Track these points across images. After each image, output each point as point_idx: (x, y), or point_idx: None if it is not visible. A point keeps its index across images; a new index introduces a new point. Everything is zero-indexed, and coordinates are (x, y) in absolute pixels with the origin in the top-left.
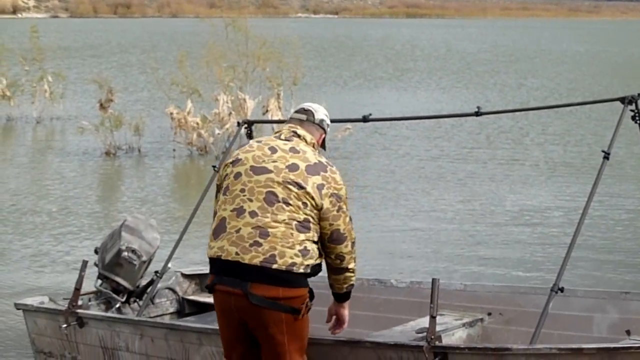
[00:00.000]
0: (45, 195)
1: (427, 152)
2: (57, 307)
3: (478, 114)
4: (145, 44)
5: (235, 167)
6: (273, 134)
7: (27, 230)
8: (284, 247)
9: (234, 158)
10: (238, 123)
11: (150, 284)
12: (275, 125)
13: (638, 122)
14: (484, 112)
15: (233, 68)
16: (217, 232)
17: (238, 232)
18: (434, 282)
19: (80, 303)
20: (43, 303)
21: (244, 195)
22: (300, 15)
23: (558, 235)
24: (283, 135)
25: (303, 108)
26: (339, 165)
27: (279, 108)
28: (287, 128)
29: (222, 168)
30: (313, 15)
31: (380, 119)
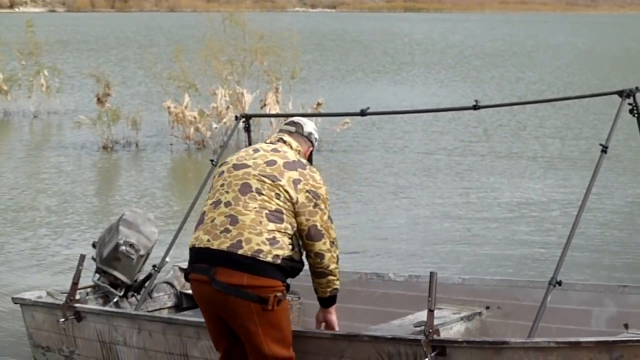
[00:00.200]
0: (43, 190)
1: (425, 145)
2: (54, 301)
3: (476, 108)
4: (143, 39)
5: (221, 167)
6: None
7: (24, 225)
8: (252, 233)
9: (223, 161)
10: (236, 117)
11: (148, 278)
12: (274, 119)
13: (636, 115)
14: (482, 105)
15: (231, 62)
16: (197, 225)
17: (213, 221)
18: (432, 275)
19: (78, 297)
20: (41, 297)
21: (222, 189)
22: (298, 10)
23: (556, 229)
24: (269, 140)
25: (292, 121)
26: (337, 159)
27: (277, 102)
28: (275, 135)
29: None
30: (311, 10)
31: (378, 113)
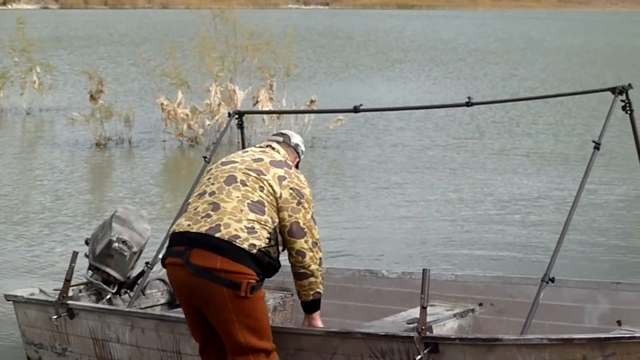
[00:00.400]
0: (35, 187)
1: (418, 142)
2: (47, 298)
3: (469, 105)
4: (136, 36)
5: (211, 166)
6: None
7: (17, 222)
8: (231, 219)
9: (214, 162)
10: (229, 114)
11: (141, 275)
12: (266, 117)
13: (628, 112)
14: (475, 102)
15: (222, 59)
16: (180, 213)
17: (196, 209)
18: (425, 272)
19: (71, 294)
20: (33, 294)
21: (209, 182)
22: (291, 6)
23: (549, 226)
24: (258, 145)
25: (280, 132)
26: (330, 156)
27: (270, 99)
28: (264, 143)
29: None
30: (304, 7)
31: (371, 110)
